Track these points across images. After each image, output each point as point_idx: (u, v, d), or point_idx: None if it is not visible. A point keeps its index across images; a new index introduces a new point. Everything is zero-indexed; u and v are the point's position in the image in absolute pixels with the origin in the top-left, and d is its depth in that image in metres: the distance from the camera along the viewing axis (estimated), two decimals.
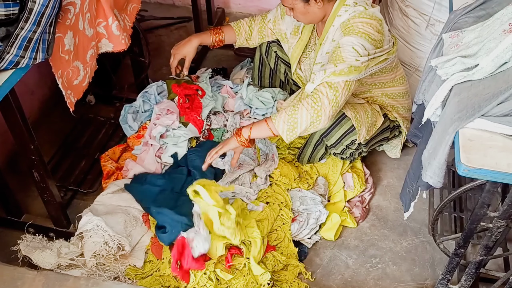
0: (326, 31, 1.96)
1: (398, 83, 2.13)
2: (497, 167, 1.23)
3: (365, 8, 1.87)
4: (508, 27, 1.36)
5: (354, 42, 1.81)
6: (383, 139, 2.22)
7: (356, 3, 1.89)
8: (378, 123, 2.10)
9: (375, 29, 1.85)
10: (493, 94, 1.29)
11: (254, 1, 3.20)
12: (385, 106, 2.17)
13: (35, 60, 1.47)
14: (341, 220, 2.10)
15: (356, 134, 2.02)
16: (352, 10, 1.87)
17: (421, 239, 2.11)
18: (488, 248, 1.58)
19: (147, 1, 3.32)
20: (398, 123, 2.20)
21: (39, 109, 2.57)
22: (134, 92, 2.56)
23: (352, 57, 1.80)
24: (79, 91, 1.80)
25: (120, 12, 1.94)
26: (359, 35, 1.82)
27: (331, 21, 1.93)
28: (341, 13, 1.89)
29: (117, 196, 2.07)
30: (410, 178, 1.83)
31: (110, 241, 1.86)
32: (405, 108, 2.21)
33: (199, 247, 1.81)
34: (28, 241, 1.94)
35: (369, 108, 2.08)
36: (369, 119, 2.05)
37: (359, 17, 1.85)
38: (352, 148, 2.08)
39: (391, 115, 2.17)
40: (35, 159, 1.78)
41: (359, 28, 1.83)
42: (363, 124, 2.02)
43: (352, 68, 1.79)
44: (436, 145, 1.40)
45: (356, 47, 1.81)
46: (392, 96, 2.15)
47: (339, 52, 1.82)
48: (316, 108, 1.78)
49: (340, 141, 2.06)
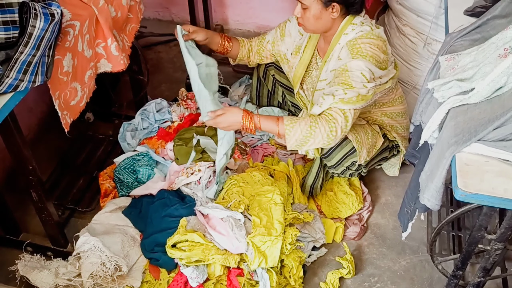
0: (332, 49, 1.96)
1: (397, 102, 2.15)
2: (494, 192, 1.23)
3: (371, 29, 1.89)
4: (503, 52, 1.38)
5: (362, 67, 1.82)
6: (382, 158, 2.22)
7: (363, 23, 1.90)
8: (378, 143, 2.11)
9: (380, 50, 1.87)
10: (489, 119, 1.30)
11: (252, 17, 3.22)
12: (384, 126, 2.18)
13: (34, 83, 1.48)
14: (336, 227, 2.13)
15: (357, 155, 2.03)
16: (359, 30, 1.89)
17: (419, 258, 2.10)
18: (486, 270, 1.58)
19: (146, 17, 3.34)
20: (396, 142, 2.20)
21: (37, 126, 2.57)
22: (132, 110, 2.56)
23: (360, 83, 1.82)
24: (76, 112, 1.81)
25: (119, 33, 1.96)
26: (366, 59, 1.83)
27: (337, 39, 1.93)
28: (348, 31, 1.90)
29: (115, 215, 2.07)
30: (408, 198, 1.84)
31: (107, 262, 1.86)
32: (404, 127, 2.22)
33: (198, 278, 1.84)
34: (26, 260, 1.94)
35: (370, 129, 2.09)
36: (369, 141, 2.06)
37: (367, 37, 1.87)
38: (352, 169, 2.09)
39: (390, 135, 2.18)
40: (33, 179, 1.78)
41: (367, 50, 1.84)
42: (363, 146, 2.03)
43: (360, 97, 1.82)
44: (433, 168, 1.41)
45: (364, 72, 1.82)
46: (391, 115, 2.16)
47: (347, 76, 1.83)
48: (330, 136, 1.82)
49: (340, 163, 2.06)
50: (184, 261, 1.86)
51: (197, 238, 1.89)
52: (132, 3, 2.01)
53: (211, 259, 1.87)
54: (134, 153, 2.32)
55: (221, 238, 1.90)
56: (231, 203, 2.03)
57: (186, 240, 1.90)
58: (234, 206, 2.02)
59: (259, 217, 1.97)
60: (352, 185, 2.27)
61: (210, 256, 1.87)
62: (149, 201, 2.10)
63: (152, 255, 1.95)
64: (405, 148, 2.22)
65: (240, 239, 1.89)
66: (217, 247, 1.90)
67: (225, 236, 1.90)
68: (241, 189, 2.08)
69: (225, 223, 1.93)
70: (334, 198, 2.21)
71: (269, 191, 2.04)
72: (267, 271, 1.89)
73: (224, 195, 2.09)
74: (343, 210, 2.19)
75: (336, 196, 2.21)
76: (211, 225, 1.96)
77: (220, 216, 1.96)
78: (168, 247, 1.89)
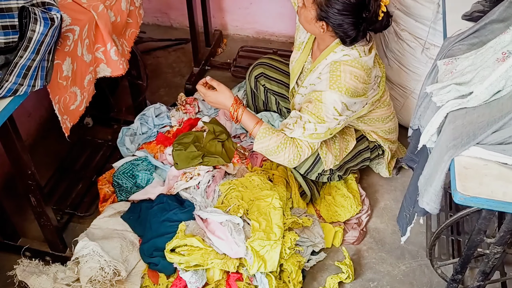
0: (319, 61, 1.97)
1: (377, 108, 2.11)
2: (493, 196, 1.23)
3: (359, 55, 1.88)
4: (502, 56, 1.38)
5: (335, 100, 1.85)
6: (365, 159, 2.22)
7: (355, 46, 1.89)
8: (349, 146, 2.11)
9: (361, 81, 1.88)
10: (488, 123, 1.30)
11: (251, 23, 3.24)
12: (359, 129, 2.17)
13: (34, 87, 1.48)
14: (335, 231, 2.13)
15: (322, 163, 2.05)
16: (347, 53, 1.88)
17: (419, 262, 2.10)
18: (485, 274, 1.58)
19: (145, 23, 3.35)
20: (378, 143, 2.20)
21: (36, 131, 2.57)
22: (131, 114, 2.57)
23: (331, 117, 1.87)
24: (75, 116, 1.81)
25: (118, 37, 1.96)
26: (342, 92, 1.84)
27: (326, 53, 1.94)
28: (337, 50, 1.90)
29: (114, 220, 2.07)
30: (406, 202, 1.83)
31: (106, 267, 1.85)
32: (385, 131, 2.19)
33: (197, 283, 1.84)
34: (24, 265, 1.94)
35: (338, 133, 2.08)
36: (336, 145, 2.07)
37: (350, 65, 1.86)
38: (326, 174, 2.10)
39: (369, 136, 2.17)
40: (32, 184, 1.78)
41: (346, 81, 1.84)
42: (329, 152, 2.04)
43: (329, 131, 1.91)
44: (432, 172, 1.41)
45: (336, 106, 1.86)
46: (368, 122, 2.14)
47: (320, 108, 1.86)
48: (292, 162, 1.95)
49: (311, 170, 2.08)
50: (183, 265, 1.86)
51: (196, 243, 1.89)
52: (131, 8, 2.02)
53: (210, 264, 1.86)
54: (133, 158, 2.32)
55: (220, 242, 1.90)
56: (230, 208, 2.03)
57: (185, 245, 1.90)
58: (233, 210, 2.02)
59: (258, 221, 1.97)
60: (349, 188, 2.27)
61: (209, 260, 1.86)
62: (148, 206, 2.10)
63: (151, 260, 1.95)
64: (389, 149, 2.22)
65: (239, 243, 1.89)
66: (216, 252, 1.90)
67: (224, 240, 1.90)
68: (240, 194, 2.08)
69: (224, 228, 1.93)
70: (333, 202, 2.21)
71: (268, 196, 2.04)
72: (266, 276, 1.89)
73: (223, 199, 2.09)
74: (342, 213, 2.19)
75: (334, 199, 2.22)
76: (210, 230, 1.96)
77: (219, 220, 1.96)
78: (167, 252, 1.89)
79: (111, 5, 1.86)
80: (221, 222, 1.96)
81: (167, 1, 3.26)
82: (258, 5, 3.12)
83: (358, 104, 1.93)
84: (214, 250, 1.90)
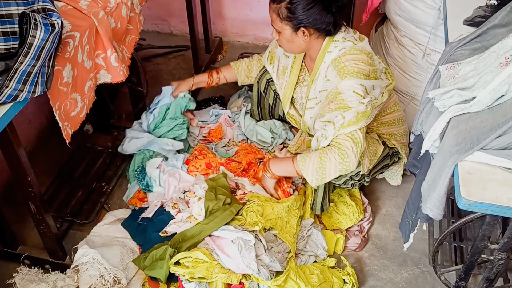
0: (317, 68, 1.98)
1: (392, 110, 2.15)
2: (498, 201, 1.22)
3: (354, 44, 1.90)
4: (504, 60, 1.38)
5: (353, 85, 1.84)
6: (384, 166, 2.21)
7: (345, 38, 1.91)
8: (379, 151, 2.10)
9: (366, 63, 1.88)
10: (491, 127, 1.29)
11: (251, 30, 3.24)
12: (381, 134, 2.17)
13: (34, 93, 1.47)
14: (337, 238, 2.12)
15: (360, 165, 2.02)
16: (342, 46, 1.90)
17: (421, 269, 2.08)
18: (489, 280, 1.57)
19: (145, 30, 3.35)
20: (396, 149, 2.20)
21: (36, 138, 2.56)
22: (131, 121, 2.56)
23: (355, 101, 1.83)
24: (76, 123, 1.80)
25: (118, 44, 1.96)
26: (355, 76, 1.84)
27: (321, 57, 1.95)
28: (331, 49, 1.92)
29: (114, 227, 2.05)
30: (409, 209, 1.82)
31: (106, 274, 1.84)
32: (402, 133, 2.21)
33: None
34: (23, 273, 1.92)
35: (369, 138, 2.09)
36: (370, 149, 2.05)
37: (350, 53, 1.88)
38: (355, 179, 2.07)
39: (389, 142, 2.18)
40: (31, 191, 1.77)
41: (352, 67, 1.85)
42: (365, 155, 2.01)
43: (360, 115, 1.83)
44: (435, 177, 1.40)
45: (356, 90, 1.84)
46: (387, 124, 2.16)
47: (341, 99, 1.85)
48: (343, 164, 1.85)
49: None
50: (187, 276, 1.83)
51: (201, 256, 1.86)
52: (131, 15, 2.02)
53: (214, 278, 1.84)
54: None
55: (227, 259, 1.87)
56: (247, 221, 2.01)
57: (190, 256, 1.88)
58: (249, 224, 1.99)
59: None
60: (352, 196, 2.26)
61: (213, 274, 1.84)
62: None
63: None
64: (405, 155, 2.21)
65: (249, 262, 1.85)
66: (222, 266, 1.87)
67: (231, 259, 1.87)
68: (262, 208, 2.05)
69: (234, 245, 1.89)
70: (335, 209, 2.20)
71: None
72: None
73: (243, 211, 2.06)
74: (343, 221, 2.17)
75: (336, 207, 2.20)
76: (218, 245, 1.92)
77: (230, 238, 1.92)
78: (171, 264, 1.86)
79: (111, 12, 1.86)
80: (232, 239, 1.92)
81: (167, 8, 3.26)
82: (258, 12, 3.13)
83: (376, 88, 1.91)
84: (220, 264, 1.87)
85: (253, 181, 2.18)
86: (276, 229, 2.03)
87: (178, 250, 1.91)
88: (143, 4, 2.11)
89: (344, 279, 1.97)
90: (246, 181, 2.17)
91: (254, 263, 1.84)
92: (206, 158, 2.29)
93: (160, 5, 3.24)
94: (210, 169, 2.24)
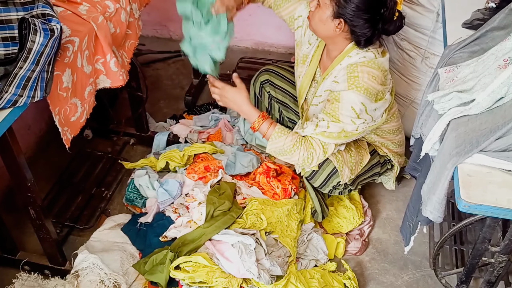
0: (332, 68, 1.94)
1: (390, 120, 2.11)
2: (498, 203, 1.22)
3: (375, 57, 1.86)
4: (503, 63, 1.38)
5: (354, 101, 1.80)
6: (375, 174, 2.20)
7: (369, 49, 1.87)
8: (364, 161, 2.08)
9: (379, 82, 1.84)
10: (491, 130, 1.29)
11: (251, 34, 3.25)
12: (373, 142, 2.16)
13: (33, 98, 1.48)
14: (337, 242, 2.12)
15: (338, 176, 2.00)
16: (363, 55, 1.85)
17: (422, 273, 2.08)
18: (490, 283, 1.56)
19: (145, 35, 3.36)
20: (389, 157, 2.19)
21: (36, 143, 2.56)
22: (131, 126, 2.56)
23: (348, 117, 1.81)
24: (76, 128, 1.80)
25: (118, 49, 1.96)
26: (361, 92, 1.79)
27: (340, 59, 1.91)
28: (352, 54, 1.87)
29: (114, 232, 2.05)
30: (410, 212, 1.82)
31: (106, 280, 1.83)
32: (396, 143, 2.18)
33: None
34: (23, 279, 1.92)
35: (354, 147, 2.06)
36: (352, 159, 2.03)
37: (367, 65, 1.83)
38: (339, 188, 2.07)
39: (380, 150, 2.16)
40: (31, 196, 1.76)
41: (364, 81, 1.80)
42: (345, 165, 1.99)
43: (343, 133, 1.84)
44: (435, 180, 1.40)
45: (354, 106, 1.80)
46: (381, 134, 2.13)
47: (336, 107, 1.82)
48: (306, 162, 1.90)
49: (325, 183, 2.03)
50: (188, 280, 1.83)
51: (202, 260, 1.86)
52: (131, 20, 2.02)
53: (214, 282, 1.84)
54: None
55: (227, 264, 1.87)
56: (247, 224, 2.01)
57: (190, 261, 1.87)
58: (250, 226, 1.99)
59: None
60: (352, 199, 2.26)
61: (214, 278, 1.84)
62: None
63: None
64: (399, 163, 2.20)
65: (249, 266, 1.85)
66: (222, 270, 1.87)
67: (232, 263, 1.87)
68: (261, 211, 2.05)
69: (235, 249, 1.89)
70: (335, 213, 2.19)
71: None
72: None
73: (244, 214, 2.06)
74: (344, 224, 2.17)
75: (336, 211, 2.20)
76: (219, 249, 1.92)
77: (230, 242, 1.92)
78: (172, 269, 1.86)
79: (110, 17, 1.86)
80: (232, 243, 1.92)
81: (166, 13, 3.27)
82: (257, 17, 3.13)
83: (378, 110, 1.88)
84: (220, 268, 1.87)
85: (250, 183, 2.18)
86: (277, 233, 2.03)
87: (178, 255, 1.91)
88: (142, 10, 2.12)
89: (345, 283, 1.97)
90: (242, 184, 2.18)
91: (255, 267, 1.84)
92: (204, 161, 2.29)
93: (159, 11, 3.25)
94: (208, 172, 2.24)
